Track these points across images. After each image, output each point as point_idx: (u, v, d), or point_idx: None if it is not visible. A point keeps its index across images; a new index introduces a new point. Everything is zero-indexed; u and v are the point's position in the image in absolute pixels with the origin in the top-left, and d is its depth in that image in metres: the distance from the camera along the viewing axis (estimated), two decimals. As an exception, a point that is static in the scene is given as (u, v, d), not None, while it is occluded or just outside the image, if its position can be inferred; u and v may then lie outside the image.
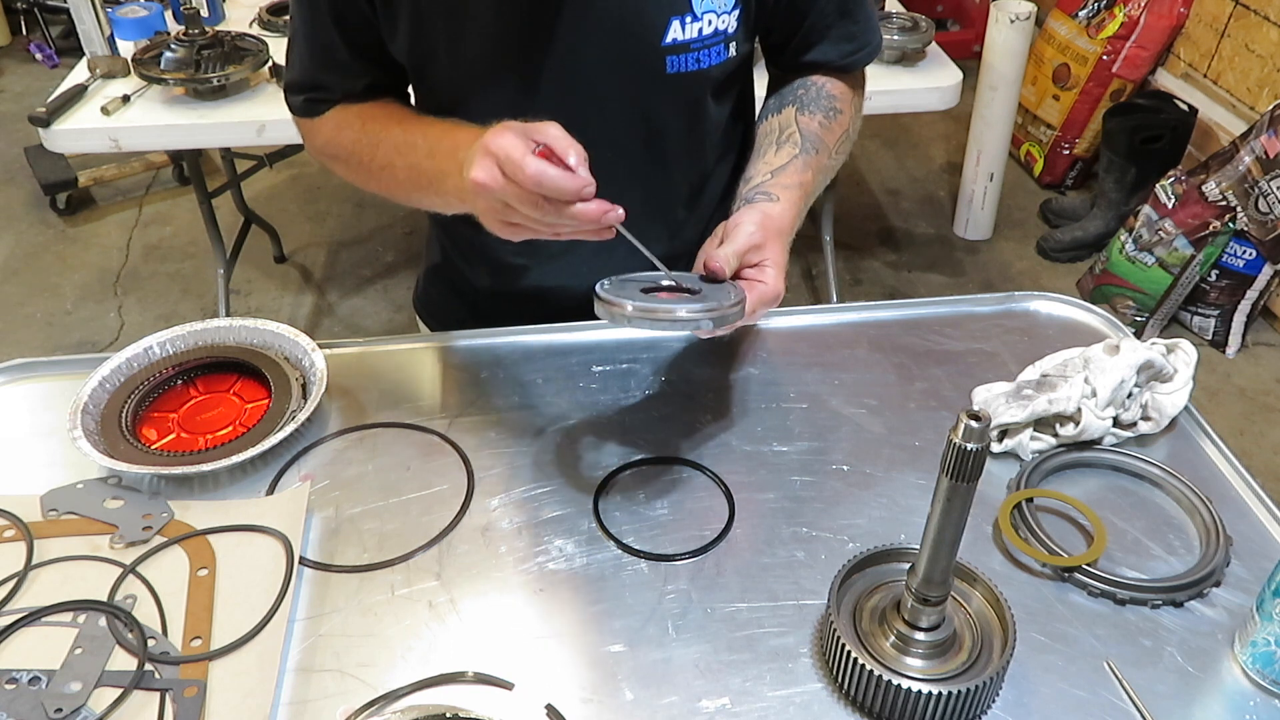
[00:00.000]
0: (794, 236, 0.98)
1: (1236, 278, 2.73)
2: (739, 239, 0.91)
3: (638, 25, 0.95)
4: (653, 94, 1.01)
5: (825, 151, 1.05)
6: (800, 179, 1.01)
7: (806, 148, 1.03)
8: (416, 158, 0.96)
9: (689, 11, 0.95)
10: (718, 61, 1.00)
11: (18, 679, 0.76)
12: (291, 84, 1.09)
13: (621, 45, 0.97)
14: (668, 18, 0.95)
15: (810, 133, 1.05)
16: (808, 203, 1.02)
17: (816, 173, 1.03)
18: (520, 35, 0.96)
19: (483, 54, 0.98)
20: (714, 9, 0.97)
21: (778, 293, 0.91)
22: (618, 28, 0.95)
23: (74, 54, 3.56)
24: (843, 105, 1.09)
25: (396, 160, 0.98)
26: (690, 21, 0.96)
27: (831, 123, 1.07)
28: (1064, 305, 1.21)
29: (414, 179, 0.97)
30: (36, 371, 1.10)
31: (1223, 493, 0.94)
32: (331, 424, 1.03)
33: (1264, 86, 2.88)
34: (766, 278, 0.91)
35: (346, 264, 3.21)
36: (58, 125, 2.11)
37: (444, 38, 0.97)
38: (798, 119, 1.05)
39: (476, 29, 0.96)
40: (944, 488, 0.65)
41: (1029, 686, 0.77)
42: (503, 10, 0.94)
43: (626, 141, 1.05)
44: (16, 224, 3.38)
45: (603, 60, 0.98)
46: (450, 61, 0.99)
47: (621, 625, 0.82)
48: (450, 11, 0.95)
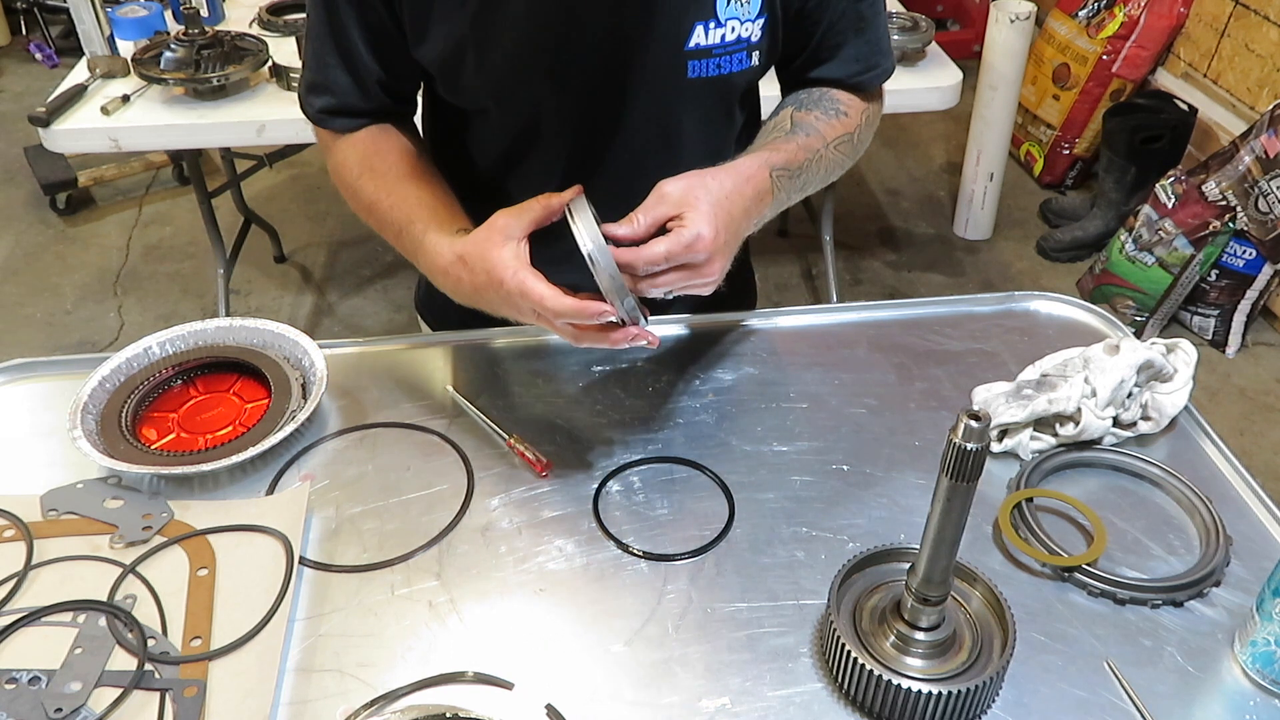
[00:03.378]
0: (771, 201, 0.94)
1: (1236, 277, 2.73)
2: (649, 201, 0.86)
3: (662, 29, 0.95)
4: (674, 99, 1.01)
5: (819, 138, 1.01)
6: (776, 150, 0.96)
7: (795, 131, 1.00)
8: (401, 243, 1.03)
9: (713, 17, 0.95)
10: (740, 69, 0.99)
11: (18, 679, 0.76)
12: (308, 86, 1.08)
13: (646, 49, 0.97)
14: (691, 23, 0.95)
15: (803, 122, 1.02)
16: (791, 173, 0.97)
17: (804, 151, 0.98)
18: (552, 38, 0.96)
19: (512, 57, 0.97)
20: (737, 16, 0.96)
21: (696, 234, 0.83)
22: (643, 31, 0.95)
23: (74, 54, 3.55)
24: (849, 109, 1.06)
25: (386, 231, 1.06)
26: (714, 27, 0.96)
27: (832, 120, 1.04)
28: (1064, 305, 1.21)
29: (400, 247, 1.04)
30: (36, 371, 1.10)
31: (1223, 493, 0.94)
32: (331, 424, 1.03)
33: (1264, 86, 2.88)
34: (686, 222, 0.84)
35: (346, 264, 3.21)
36: (57, 125, 2.11)
37: (473, 43, 0.97)
38: (793, 115, 1.04)
39: (508, 32, 0.96)
40: (944, 488, 0.65)
41: (1029, 686, 0.77)
42: (534, 13, 0.94)
43: (646, 145, 1.05)
44: (16, 224, 3.38)
45: (628, 64, 0.98)
46: (478, 65, 0.99)
47: (621, 625, 0.82)
48: (479, 15, 0.95)
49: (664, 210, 0.85)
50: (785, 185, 0.96)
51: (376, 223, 1.06)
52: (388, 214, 1.03)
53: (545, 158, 1.06)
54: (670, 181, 0.86)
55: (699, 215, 0.84)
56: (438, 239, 0.96)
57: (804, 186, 1.01)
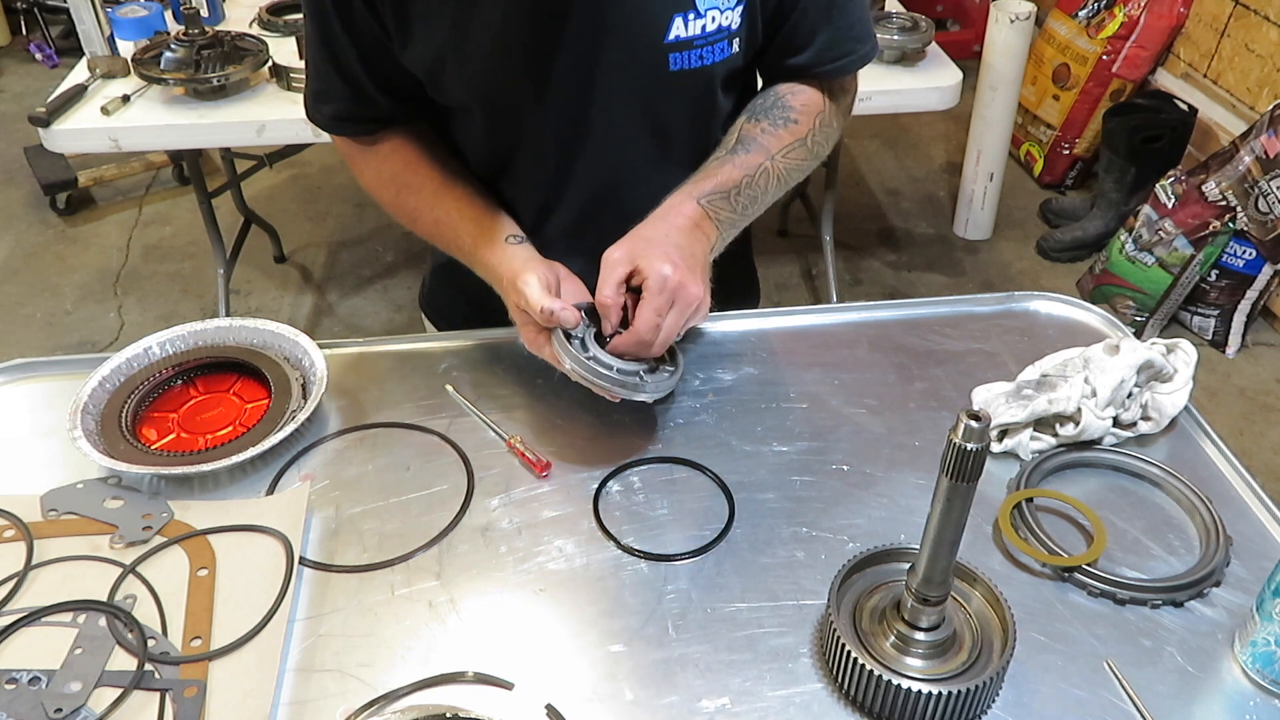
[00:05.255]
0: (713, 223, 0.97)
1: (1236, 278, 2.73)
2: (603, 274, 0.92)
3: (640, 23, 0.95)
4: (657, 92, 1.01)
5: (761, 153, 1.02)
6: (707, 177, 0.99)
7: (736, 150, 1.02)
8: (458, 255, 1.07)
9: (692, 8, 0.95)
10: (721, 58, 1.00)
11: (18, 679, 0.76)
12: (313, 94, 1.08)
13: (625, 44, 0.97)
14: (670, 15, 0.95)
15: (748, 136, 1.03)
16: (726, 194, 0.99)
17: (740, 169, 1.00)
18: (529, 38, 0.96)
19: (493, 57, 0.98)
20: (716, 5, 0.96)
21: (662, 275, 0.90)
22: (622, 26, 0.95)
23: (74, 54, 3.55)
24: (800, 115, 1.05)
25: (437, 244, 1.10)
26: (694, 18, 0.96)
27: (779, 130, 1.04)
28: (1064, 305, 1.21)
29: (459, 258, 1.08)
30: (36, 371, 1.10)
31: (1223, 493, 0.94)
32: (331, 424, 1.03)
33: (1264, 86, 2.88)
34: (646, 272, 0.90)
35: (346, 264, 3.21)
36: (58, 125, 2.10)
37: (453, 45, 0.97)
38: (742, 128, 1.04)
39: (486, 32, 0.96)
40: (944, 488, 0.65)
41: (1029, 686, 0.77)
42: (510, 14, 0.94)
43: (634, 140, 1.05)
44: (16, 224, 3.38)
45: (608, 60, 0.98)
46: (460, 66, 0.99)
47: (621, 625, 0.82)
48: (458, 17, 0.95)
49: (620, 271, 0.92)
50: (724, 206, 0.99)
51: (425, 236, 1.11)
52: (433, 229, 1.08)
53: (533, 156, 1.07)
54: (613, 249, 0.93)
55: (652, 259, 0.91)
56: (488, 254, 1.01)
57: (754, 200, 1.02)
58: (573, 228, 1.10)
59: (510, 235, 1.03)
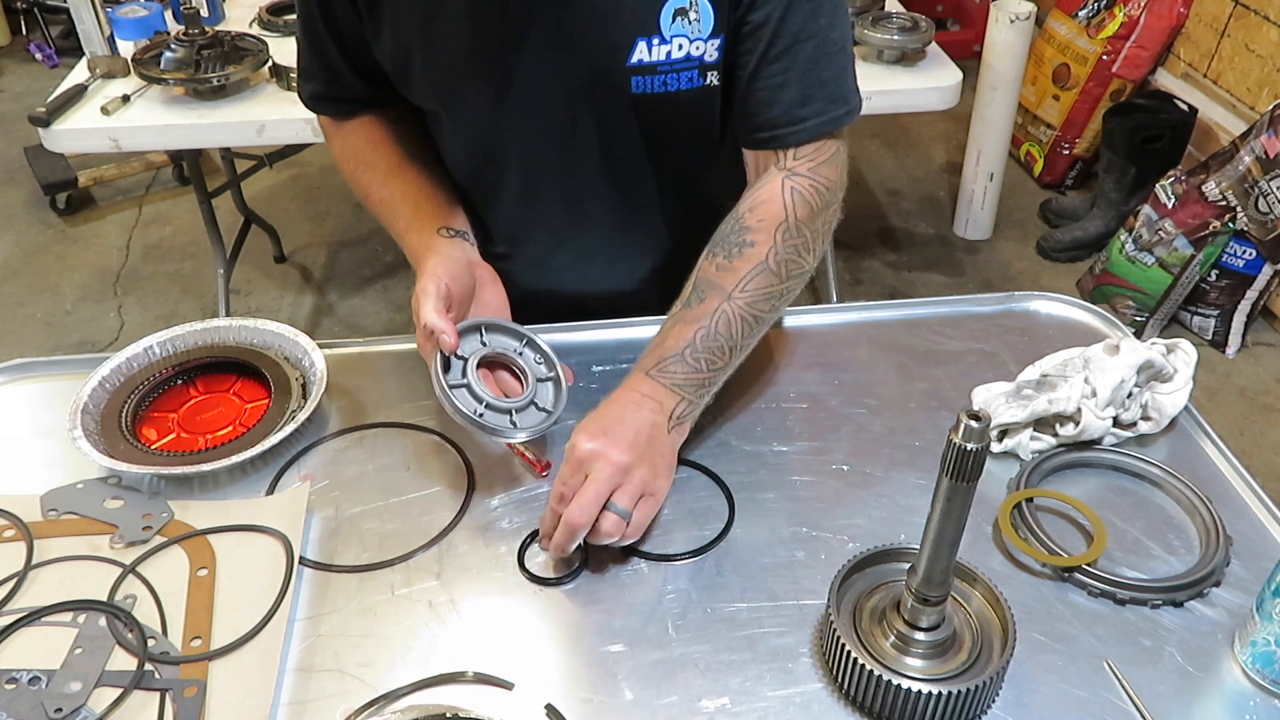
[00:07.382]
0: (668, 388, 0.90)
1: (1236, 278, 2.73)
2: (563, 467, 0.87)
3: (604, 44, 0.95)
4: (619, 113, 1.00)
5: (718, 295, 0.93)
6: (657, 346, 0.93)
7: (690, 300, 0.95)
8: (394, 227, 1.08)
9: (656, 34, 0.94)
10: (688, 87, 0.97)
11: (18, 679, 0.76)
12: (300, 72, 1.12)
13: (588, 63, 0.96)
14: (634, 38, 0.94)
15: (703, 280, 0.95)
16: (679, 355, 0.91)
17: (691, 326, 0.92)
18: (490, 47, 0.96)
19: (456, 63, 0.98)
20: (685, 34, 0.94)
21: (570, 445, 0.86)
22: (585, 45, 0.95)
23: (74, 54, 3.55)
24: (757, 235, 0.95)
25: (383, 222, 1.10)
26: (658, 44, 0.94)
27: (734, 260, 0.95)
28: (1064, 305, 1.21)
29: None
30: (36, 371, 1.10)
31: (1223, 493, 0.94)
32: (331, 424, 1.03)
33: (1264, 86, 2.88)
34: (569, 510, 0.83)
35: (346, 264, 3.21)
36: (58, 125, 2.10)
37: (419, 46, 0.98)
38: (701, 267, 0.97)
39: (450, 38, 0.96)
40: (944, 488, 0.65)
41: (1029, 686, 0.77)
42: (473, 20, 0.95)
43: (593, 161, 1.04)
44: (16, 224, 3.38)
45: (570, 77, 0.97)
46: (425, 70, 1.00)
47: (621, 625, 0.82)
48: (424, 20, 0.96)
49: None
50: (678, 369, 0.91)
51: (374, 214, 1.12)
52: (379, 207, 1.09)
53: (500, 165, 1.07)
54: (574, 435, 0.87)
55: (577, 434, 0.86)
56: (414, 240, 1.02)
57: (720, 350, 0.92)
58: (544, 245, 1.14)
59: (445, 227, 1.02)
